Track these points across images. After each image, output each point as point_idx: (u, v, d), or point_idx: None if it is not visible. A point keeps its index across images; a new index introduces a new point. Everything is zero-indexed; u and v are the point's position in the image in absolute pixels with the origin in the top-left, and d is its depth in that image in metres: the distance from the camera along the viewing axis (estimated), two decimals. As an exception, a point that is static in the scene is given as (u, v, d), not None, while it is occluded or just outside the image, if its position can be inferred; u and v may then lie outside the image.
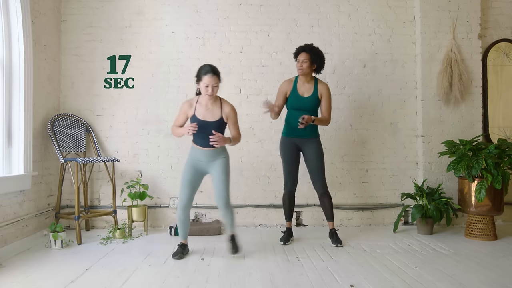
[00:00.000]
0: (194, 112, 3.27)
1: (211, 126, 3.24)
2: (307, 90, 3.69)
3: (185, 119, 3.36)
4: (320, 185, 3.70)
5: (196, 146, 3.33)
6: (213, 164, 3.33)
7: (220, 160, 3.34)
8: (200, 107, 3.28)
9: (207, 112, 3.27)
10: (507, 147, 3.85)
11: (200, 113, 3.27)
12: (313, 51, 3.66)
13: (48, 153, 4.17)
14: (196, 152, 3.32)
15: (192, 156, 3.35)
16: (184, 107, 3.33)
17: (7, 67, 3.52)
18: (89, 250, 3.52)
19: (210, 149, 3.28)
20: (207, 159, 3.31)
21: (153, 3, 4.48)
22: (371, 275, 2.87)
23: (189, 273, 2.92)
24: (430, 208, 4.00)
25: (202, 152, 3.30)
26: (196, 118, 3.25)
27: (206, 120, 3.25)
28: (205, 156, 3.30)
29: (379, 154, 4.56)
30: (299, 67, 3.65)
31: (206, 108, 3.28)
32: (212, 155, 3.31)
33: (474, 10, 4.47)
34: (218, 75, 3.24)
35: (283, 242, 3.70)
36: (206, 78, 3.18)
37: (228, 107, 3.34)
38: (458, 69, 4.38)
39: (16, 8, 3.53)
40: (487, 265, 3.08)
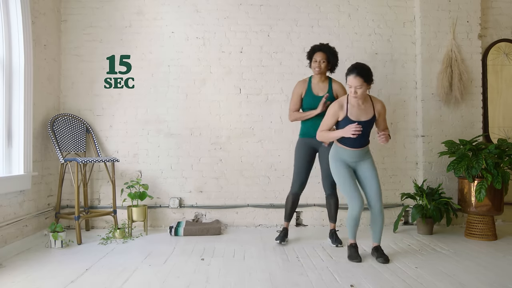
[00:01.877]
0: (347, 113, 3.11)
1: (365, 126, 3.10)
2: (322, 90, 3.68)
3: (335, 121, 3.16)
4: (329, 185, 3.70)
5: (343, 146, 3.16)
6: (361, 165, 3.21)
7: (368, 161, 3.22)
8: (352, 108, 3.11)
9: (360, 112, 3.12)
10: (507, 147, 3.85)
11: (353, 114, 3.10)
12: (330, 50, 3.68)
13: (48, 153, 4.17)
14: (344, 153, 3.18)
15: (338, 157, 3.20)
16: (334, 109, 3.14)
17: (7, 67, 3.52)
18: (89, 250, 3.52)
19: (359, 149, 3.15)
20: (355, 160, 3.19)
21: (153, 3, 4.48)
22: (371, 275, 2.87)
23: (189, 273, 2.92)
24: (430, 208, 4.00)
25: (351, 153, 3.16)
26: (349, 119, 3.09)
27: (360, 120, 3.09)
28: (354, 156, 3.17)
29: (379, 154, 4.55)
30: (317, 66, 3.64)
31: (358, 108, 3.12)
32: (359, 155, 3.18)
33: (474, 10, 4.47)
34: (363, 76, 3.00)
35: (279, 241, 3.70)
36: (349, 78, 3.02)
37: (379, 103, 3.19)
38: (458, 69, 4.38)
39: (16, 8, 3.53)
40: (487, 265, 3.08)
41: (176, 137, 4.46)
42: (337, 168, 3.20)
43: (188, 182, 4.46)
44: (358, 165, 3.23)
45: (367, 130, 3.15)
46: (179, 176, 4.46)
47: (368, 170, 3.20)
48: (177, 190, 4.45)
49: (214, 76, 4.50)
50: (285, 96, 4.48)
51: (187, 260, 3.25)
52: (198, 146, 4.46)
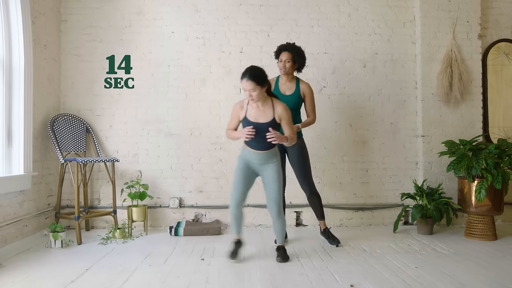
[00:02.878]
0: (246, 114, 3.15)
1: (264, 128, 3.09)
2: (289, 89, 3.67)
3: (237, 122, 3.24)
4: (307, 186, 3.67)
5: (248, 148, 3.20)
6: (265, 168, 3.22)
7: (272, 165, 3.21)
8: (252, 109, 3.15)
9: (259, 114, 3.13)
10: (507, 147, 3.85)
11: (251, 115, 3.14)
12: (295, 50, 3.64)
13: (48, 153, 4.17)
14: (249, 154, 3.21)
15: (244, 157, 3.24)
16: (235, 109, 3.22)
17: (7, 67, 3.52)
18: (89, 250, 3.52)
19: (263, 151, 3.16)
20: (260, 162, 3.20)
21: (153, 3, 4.48)
22: (371, 275, 2.87)
23: (189, 273, 2.92)
24: (430, 208, 4.00)
25: (254, 154, 3.18)
26: (248, 120, 3.14)
27: (258, 122, 3.12)
28: (258, 158, 3.18)
29: (379, 154, 4.56)
30: (282, 66, 3.63)
31: (257, 110, 3.14)
32: (264, 158, 3.19)
33: (474, 10, 4.47)
34: (255, 79, 3.02)
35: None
36: (242, 82, 3.06)
37: (281, 107, 3.15)
38: (458, 69, 4.38)
39: (16, 8, 3.53)
40: (487, 265, 3.08)
41: (176, 137, 4.46)
42: (237, 164, 3.28)
43: (188, 182, 4.46)
44: (262, 168, 3.23)
45: (266, 132, 3.07)
46: (179, 176, 4.46)
47: (269, 176, 3.21)
48: (177, 190, 4.45)
49: (214, 76, 4.50)
50: (285, 96, 4.48)
51: (187, 260, 3.25)
52: (198, 146, 4.46)
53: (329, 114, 4.49)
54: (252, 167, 3.25)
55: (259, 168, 3.23)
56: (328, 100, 4.50)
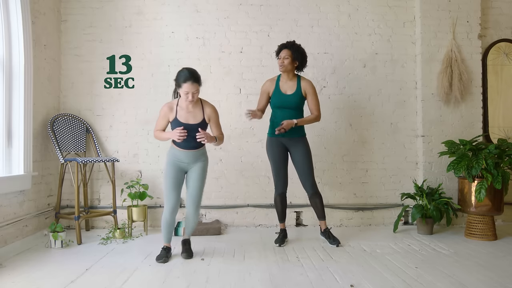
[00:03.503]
0: (176, 115, 3.20)
1: (194, 129, 3.17)
2: (290, 88, 3.66)
3: (166, 122, 3.27)
4: (310, 185, 3.66)
5: (177, 148, 3.23)
6: (193, 166, 3.28)
7: (200, 164, 3.28)
8: (181, 110, 3.20)
9: (189, 115, 3.20)
10: (507, 147, 3.84)
11: (182, 116, 3.19)
12: (294, 47, 3.63)
13: (48, 153, 4.17)
14: (177, 154, 3.24)
15: (172, 157, 3.26)
16: (164, 110, 3.24)
17: (7, 67, 3.52)
18: (89, 250, 3.52)
19: (192, 150, 3.23)
20: (189, 160, 3.25)
21: (153, 3, 4.48)
22: (371, 275, 2.87)
23: (189, 273, 2.92)
24: (430, 208, 4.00)
25: (183, 153, 3.22)
26: (178, 121, 3.18)
27: (188, 123, 3.18)
28: (187, 157, 3.24)
29: (379, 154, 4.56)
30: (280, 63, 3.62)
31: (187, 111, 3.21)
32: (193, 157, 3.25)
33: (474, 10, 4.47)
34: (199, 81, 3.13)
35: (278, 244, 3.65)
36: (186, 85, 3.07)
37: (210, 108, 3.27)
38: (458, 69, 4.39)
39: (16, 8, 3.53)
40: (487, 265, 3.08)
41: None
42: (166, 168, 3.27)
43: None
44: (190, 167, 3.28)
45: (196, 133, 3.16)
46: (179, 176, 4.45)
47: (196, 173, 3.27)
48: (177, 190, 4.44)
49: (214, 76, 4.50)
50: (285, 96, 4.48)
51: (187, 260, 3.25)
52: (198, 146, 4.46)
53: (329, 114, 4.49)
54: (181, 167, 3.28)
55: (187, 166, 3.28)
56: (328, 100, 4.50)
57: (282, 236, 3.74)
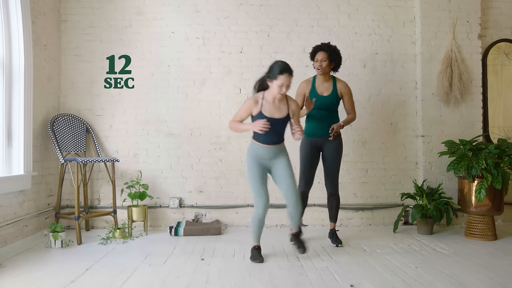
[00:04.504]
0: (261, 109, 3.15)
1: (279, 123, 3.16)
2: (326, 89, 3.68)
3: (248, 115, 3.21)
4: (331, 186, 3.70)
5: (258, 143, 3.19)
6: (275, 162, 3.23)
7: (282, 158, 3.24)
8: (267, 104, 3.16)
9: (274, 109, 3.16)
10: (507, 147, 3.84)
11: (266, 110, 3.15)
12: (331, 49, 3.66)
13: (48, 153, 4.17)
14: (259, 150, 3.19)
15: (253, 153, 3.22)
16: (249, 103, 3.18)
17: (7, 67, 3.52)
18: (89, 250, 3.52)
19: (273, 146, 3.19)
20: (270, 156, 3.21)
21: (153, 3, 4.48)
22: (371, 275, 2.87)
23: (189, 273, 2.92)
24: (430, 208, 4.00)
25: (265, 149, 3.18)
26: (263, 115, 3.13)
27: (273, 117, 3.14)
28: (269, 153, 3.19)
29: (379, 154, 4.56)
30: (318, 66, 3.63)
31: (273, 105, 3.17)
32: (275, 152, 3.21)
33: (474, 10, 4.47)
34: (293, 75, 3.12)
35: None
36: (283, 77, 3.05)
37: (294, 103, 3.25)
38: (458, 69, 4.39)
39: (16, 8, 3.53)
40: (487, 265, 3.08)
41: (176, 137, 4.46)
42: (249, 166, 3.24)
43: (188, 182, 4.46)
44: (272, 163, 3.25)
45: (280, 128, 3.18)
46: (179, 176, 4.46)
47: (282, 169, 3.22)
48: (177, 190, 4.45)
49: (214, 76, 4.50)
50: (285, 96, 4.48)
51: (187, 260, 3.25)
52: (198, 146, 4.46)
53: (329, 114, 4.49)
54: (263, 164, 3.24)
55: (269, 163, 3.24)
56: (328, 100, 4.50)
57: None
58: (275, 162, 3.23)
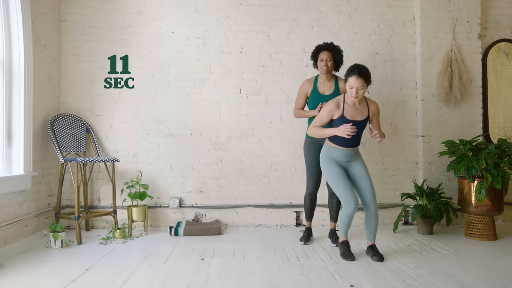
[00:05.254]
0: (343, 112, 3.14)
1: (360, 126, 3.16)
2: (328, 89, 3.68)
3: (329, 119, 3.20)
4: None
5: (335, 146, 3.20)
6: (352, 164, 3.24)
7: (359, 160, 3.26)
8: (349, 107, 3.16)
9: (356, 112, 3.16)
10: (507, 147, 3.84)
11: (348, 113, 3.15)
12: (335, 49, 3.69)
13: (48, 153, 4.17)
14: (336, 152, 3.21)
15: (330, 156, 3.24)
16: (332, 107, 3.17)
17: (7, 67, 3.52)
18: (89, 250, 3.52)
19: (350, 148, 3.19)
20: (346, 159, 3.22)
21: (153, 3, 4.48)
22: (371, 275, 2.87)
23: (189, 273, 2.92)
24: (430, 208, 4.00)
25: (343, 152, 3.19)
26: (345, 118, 3.13)
27: (355, 119, 3.14)
28: (345, 156, 3.21)
29: (379, 154, 4.55)
30: (324, 65, 3.64)
31: (354, 108, 3.17)
32: (351, 155, 3.22)
33: (474, 10, 4.47)
34: (365, 77, 3.05)
35: (303, 241, 3.70)
36: (351, 79, 3.04)
37: (374, 104, 3.25)
38: (458, 69, 4.38)
39: (16, 8, 3.53)
40: (487, 265, 3.08)
41: (176, 137, 4.46)
42: (329, 167, 3.22)
43: (188, 182, 4.46)
44: (349, 165, 3.26)
45: (360, 130, 3.20)
46: (179, 176, 4.46)
47: (361, 170, 3.24)
48: (177, 190, 4.45)
49: (214, 76, 4.50)
50: (285, 96, 4.48)
51: (187, 260, 3.25)
52: (198, 146, 4.46)
53: (329, 114, 4.49)
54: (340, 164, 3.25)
55: (345, 165, 3.25)
56: (328, 100, 4.50)
57: (307, 234, 3.78)
58: (352, 164, 3.25)
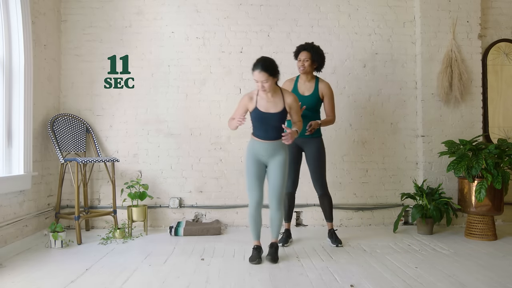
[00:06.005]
0: (256, 104, 3.17)
1: (274, 118, 3.15)
2: (308, 89, 3.68)
3: (244, 112, 3.22)
4: (320, 186, 3.68)
5: (256, 139, 3.21)
6: (272, 159, 3.22)
7: (279, 157, 3.21)
8: (262, 99, 3.17)
9: (269, 104, 3.17)
10: (507, 147, 3.84)
11: (262, 105, 3.16)
12: (314, 49, 3.65)
13: (48, 153, 4.17)
14: (257, 145, 3.20)
15: (252, 149, 3.22)
16: (244, 100, 3.21)
17: (7, 67, 3.52)
18: (89, 250, 3.52)
19: (271, 141, 3.18)
20: (267, 153, 3.19)
21: (153, 3, 4.48)
22: (371, 275, 2.87)
23: (189, 273, 2.92)
24: (430, 208, 4.00)
25: (262, 145, 3.18)
26: (258, 110, 3.15)
27: (269, 112, 3.15)
28: (266, 149, 3.18)
29: (379, 154, 4.56)
30: (301, 65, 3.64)
31: (267, 100, 3.17)
32: (273, 149, 3.19)
33: (474, 10, 4.47)
34: (268, 71, 3.04)
35: (281, 243, 3.66)
36: (255, 74, 3.07)
37: (290, 97, 3.22)
38: (458, 69, 4.39)
39: (16, 8, 3.53)
40: (487, 265, 3.08)
41: (176, 137, 4.46)
42: (248, 163, 3.24)
43: (188, 182, 4.46)
44: (269, 160, 3.23)
45: (277, 123, 3.16)
46: (179, 176, 4.46)
47: (275, 166, 3.20)
48: (177, 190, 4.45)
49: (214, 76, 4.50)
50: (285, 96, 4.48)
51: (187, 260, 3.25)
52: (198, 146, 4.46)
53: (329, 114, 4.49)
54: (261, 160, 3.23)
55: (267, 160, 3.23)
56: (328, 100, 4.50)
57: (286, 236, 3.75)
58: (272, 160, 3.22)
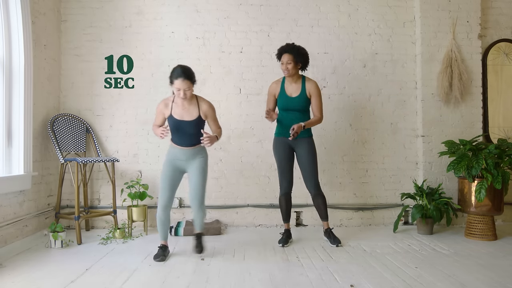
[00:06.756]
0: (171, 112, 3.23)
1: (189, 125, 3.22)
2: (295, 90, 3.65)
3: (163, 119, 3.31)
4: (313, 186, 3.66)
5: (174, 145, 3.30)
6: (191, 163, 3.31)
7: (198, 160, 3.31)
8: (177, 107, 3.23)
9: (184, 112, 3.23)
10: (507, 147, 3.84)
11: (176, 113, 3.23)
12: (295, 51, 3.59)
13: (48, 153, 4.17)
14: (175, 151, 3.30)
15: (170, 155, 3.32)
16: (160, 107, 3.29)
17: (7, 67, 3.52)
18: (89, 250, 3.52)
19: (189, 148, 3.27)
20: (186, 158, 3.29)
21: (153, 3, 4.48)
22: (371, 275, 2.87)
23: (189, 273, 2.92)
24: (430, 208, 4.00)
25: (181, 151, 3.28)
26: (173, 118, 3.22)
27: (183, 119, 3.22)
28: (184, 155, 3.28)
29: (379, 154, 4.56)
30: (284, 68, 3.59)
31: (182, 108, 3.23)
32: (191, 154, 3.29)
33: (474, 10, 4.47)
34: (191, 78, 3.16)
35: (281, 244, 3.66)
36: (177, 82, 3.11)
37: (205, 104, 3.30)
38: (458, 69, 4.39)
39: (16, 8, 3.53)
40: (487, 265, 3.08)
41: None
42: (164, 168, 3.32)
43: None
44: (187, 164, 3.31)
45: (192, 130, 3.23)
46: (179, 176, 4.45)
47: (195, 169, 3.30)
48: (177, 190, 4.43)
49: (214, 76, 4.50)
50: (285, 96, 4.48)
51: (187, 260, 3.25)
52: (198, 146, 4.46)
53: (329, 114, 4.48)
54: (178, 165, 3.32)
55: (186, 164, 3.31)
56: (328, 100, 4.50)
57: (286, 236, 3.74)
58: (190, 164, 3.31)
